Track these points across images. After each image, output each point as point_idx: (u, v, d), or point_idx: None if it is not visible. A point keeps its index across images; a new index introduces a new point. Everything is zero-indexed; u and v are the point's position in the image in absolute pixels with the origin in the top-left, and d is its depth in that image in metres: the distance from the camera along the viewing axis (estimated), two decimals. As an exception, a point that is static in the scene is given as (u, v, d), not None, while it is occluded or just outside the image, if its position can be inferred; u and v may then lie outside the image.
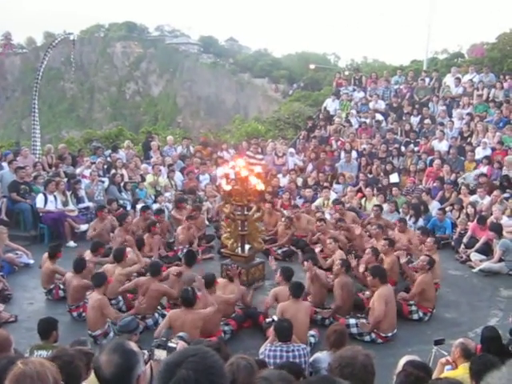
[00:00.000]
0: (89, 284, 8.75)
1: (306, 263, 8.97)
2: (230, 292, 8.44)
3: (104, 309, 7.81)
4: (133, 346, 2.86)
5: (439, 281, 9.75)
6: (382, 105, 19.86)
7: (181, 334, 5.70)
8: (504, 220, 11.92)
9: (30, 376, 2.81)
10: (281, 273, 8.35)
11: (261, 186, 10.20)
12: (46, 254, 9.72)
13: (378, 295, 7.98)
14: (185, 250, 11.08)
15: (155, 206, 13.72)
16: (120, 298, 8.90)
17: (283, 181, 15.95)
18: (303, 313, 7.49)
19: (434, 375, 5.37)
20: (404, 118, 18.52)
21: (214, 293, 8.00)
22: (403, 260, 9.41)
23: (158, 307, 8.63)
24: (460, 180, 14.51)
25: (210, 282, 8.00)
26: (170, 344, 4.84)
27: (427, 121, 17.71)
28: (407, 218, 12.74)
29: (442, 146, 16.34)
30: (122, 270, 9.00)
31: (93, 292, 8.14)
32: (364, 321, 8.13)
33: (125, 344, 2.84)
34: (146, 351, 4.99)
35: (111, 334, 7.75)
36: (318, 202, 14.12)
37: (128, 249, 9.71)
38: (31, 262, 11.18)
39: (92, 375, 3.87)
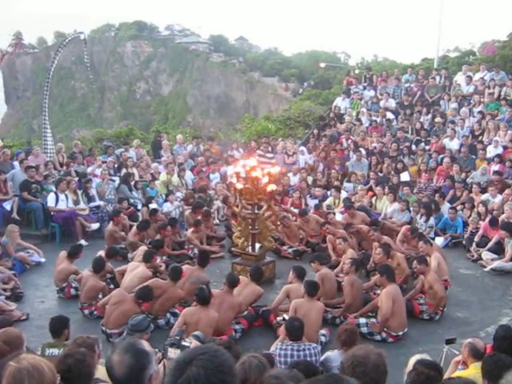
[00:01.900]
0: (105, 287, 8.84)
1: (312, 265, 9.01)
2: (251, 291, 8.47)
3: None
4: (145, 345, 2.87)
5: (448, 278, 9.70)
6: (392, 103, 19.78)
7: (196, 332, 5.72)
8: (515, 219, 11.85)
9: (26, 369, 2.84)
10: (294, 271, 8.39)
11: (272, 187, 10.21)
12: (63, 253, 9.75)
13: (385, 293, 7.98)
14: (195, 250, 11.16)
15: (166, 205, 13.72)
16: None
17: (293, 179, 15.94)
18: (315, 312, 7.51)
19: (447, 374, 5.37)
20: (415, 117, 18.45)
21: (231, 294, 8.05)
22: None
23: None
24: (469, 180, 14.45)
25: (234, 284, 8.06)
26: (183, 343, 4.84)
27: (438, 119, 17.63)
28: (418, 216, 12.71)
29: (453, 144, 16.28)
30: None
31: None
32: (374, 320, 8.12)
33: (137, 344, 2.84)
34: (157, 350, 5.01)
35: (125, 333, 7.78)
36: (329, 201, 14.09)
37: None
38: (43, 260, 11.26)
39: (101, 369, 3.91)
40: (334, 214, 12.52)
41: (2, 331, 4.81)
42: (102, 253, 9.81)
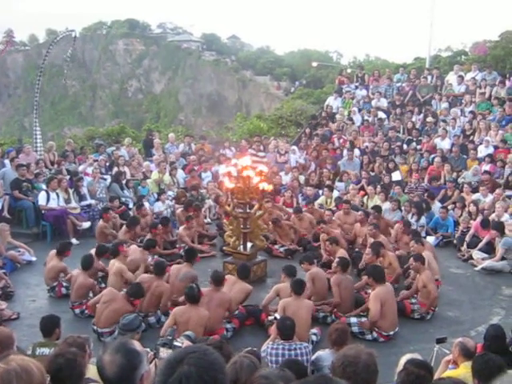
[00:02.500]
0: (94, 284, 8.82)
1: (302, 266, 9.00)
2: (239, 290, 8.45)
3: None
4: (136, 345, 2.86)
5: (439, 277, 9.72)
6: (384, 103, 19.85)
7: (187, 332, 5.71)
8: (505, 218, 11.90)
9: (14, 370, 2.83)
10: (283, 270, 8.37)
11: (265, 186, 10.20)
12: (53, 251, 9.73)
13: (373, 295, 7.98)
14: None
15: (158, 204, 13.72)
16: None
17: (285, 179, 15.95)
18: (304, 310, 7.49)
19: (438, 373, 5.39)
20: (406, 116, 18.49)
21: (219, 291, 8.03)
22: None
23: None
24: (460, 180, 14.51)
25: (219, 281, 8.03)
26: (175, 343, 4.83)
27: (429, 119, 17.69)
28: (409, 216, 12.73)
29: (444, 144, 16.34)
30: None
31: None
32: (365, 319, 8.12)
33: (128, 344, 2.84)
34: (148, 349, 5.00)
35: (116, 332, 7.76)
36: (321, 200, 14.11)
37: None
38: (33, 259, 11.19)
39: (92, 368, 3.89)
40: (332, 211, 12.56)
41: (-8, 331, 4.79)
42: (93, 251, 9.78)
